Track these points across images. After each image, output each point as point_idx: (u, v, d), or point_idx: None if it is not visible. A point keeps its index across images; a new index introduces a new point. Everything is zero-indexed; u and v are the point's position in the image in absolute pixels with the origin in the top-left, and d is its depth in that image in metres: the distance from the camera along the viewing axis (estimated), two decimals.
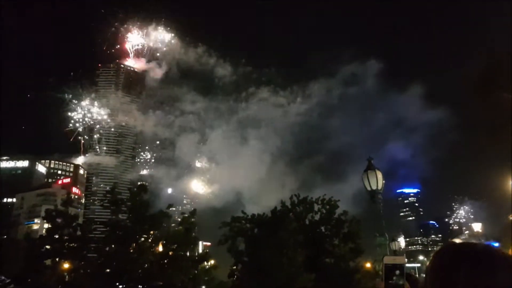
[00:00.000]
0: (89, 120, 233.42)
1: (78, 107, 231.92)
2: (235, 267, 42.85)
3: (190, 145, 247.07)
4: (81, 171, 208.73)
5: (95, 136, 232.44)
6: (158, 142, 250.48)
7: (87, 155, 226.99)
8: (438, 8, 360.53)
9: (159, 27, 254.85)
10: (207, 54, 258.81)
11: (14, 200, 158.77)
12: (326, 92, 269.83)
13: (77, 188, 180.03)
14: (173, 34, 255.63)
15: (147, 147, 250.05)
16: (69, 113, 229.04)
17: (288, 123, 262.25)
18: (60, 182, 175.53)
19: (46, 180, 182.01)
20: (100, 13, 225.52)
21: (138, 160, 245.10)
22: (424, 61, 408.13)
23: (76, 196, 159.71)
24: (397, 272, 2.72)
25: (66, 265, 43.11)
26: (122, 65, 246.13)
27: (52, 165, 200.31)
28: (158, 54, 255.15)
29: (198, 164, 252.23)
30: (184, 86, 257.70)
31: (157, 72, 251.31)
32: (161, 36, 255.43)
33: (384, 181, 14.32)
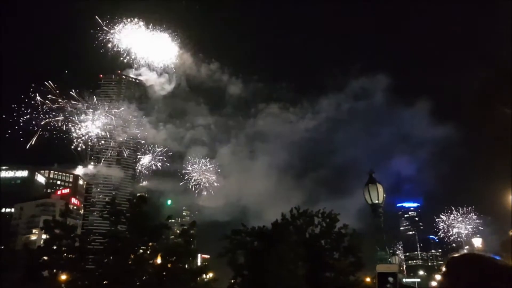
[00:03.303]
0: (90, 130, 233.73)
1: (79, 117, 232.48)
2: (234, 280, 42.55)
3: (194, 157, 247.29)
4: (81, 182, 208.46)
5: (95, 147, 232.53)
6: (160, 153, 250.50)
7: (87, 165, 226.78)
8: (446, 23, 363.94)
9: (168, 40, 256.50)
10: (214, 67, 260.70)
11: (13, 210, 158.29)
12: (334, 107, 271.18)
13: (76, 198, 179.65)
14: (182, 48, 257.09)
15: (148, 158, 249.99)
16: (70, 123, 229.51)
17: (295, 137, 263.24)
18: (59, 192, 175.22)
19: (45, 190, 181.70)
20: (106, 23, 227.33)
21: (139, 171, 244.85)
22: (430, 77, 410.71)
23: (75, 207, 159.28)
24: (391, 279, 2.72)
25: (64, 276, 42.79)
26: (124, 76, 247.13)
27: (51, 175, 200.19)
28: (164, 66, 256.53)
29: (200, 177, 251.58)
30: (190, 99, 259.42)
31: (163, 84, 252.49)
32: (168, 49, 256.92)
33: (385, 195, 14.33)
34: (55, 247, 41.83)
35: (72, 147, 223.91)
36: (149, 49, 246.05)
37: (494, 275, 1.92)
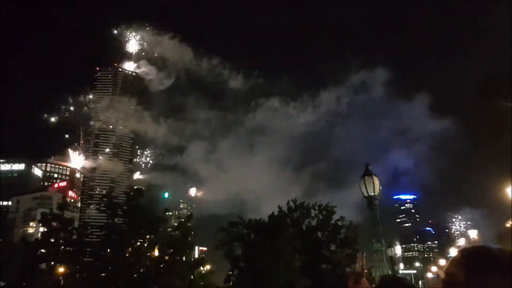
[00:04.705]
0: (87, 123, 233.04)
1: (76, 111, 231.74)
2: (231, 272, 42.72)
3: (190, 150, 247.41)
4: (78, 175, 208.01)
5: (92, 140, 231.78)
6: (156, 147, 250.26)
7: (84, 158, 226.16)
8: (445, 18, 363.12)
9: (166, 34, 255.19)
10: (211, 60, 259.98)
11: (10, 203, 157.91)
12: (333, 100, 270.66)
13: (73, 191, 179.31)
14: (181, 42, 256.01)
15: (145, 151, 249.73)
16: (67, 116, 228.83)
17: (294, 131, 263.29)
18: (56, 185, 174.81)
19: (42, 183, 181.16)
20: (102, 18, 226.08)
21: (136, 164, 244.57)
22: (429, 71, 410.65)
23: (72, 200, 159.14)
24: None
25: (61, 269, 42.83)
26: (121, 69, 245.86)
27: (48, 169, 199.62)
28: (162, 59, 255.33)
29: (197, 169, 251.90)
30: (189, 93, 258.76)
31: (161, 78, 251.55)
32: (168, 43, 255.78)
33: (381, 187, 14.35)
34: (52, 240, 41.80)
35: (68, 138, 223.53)
36: (150, 44, 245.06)
37: (508, 267, 1.92)
